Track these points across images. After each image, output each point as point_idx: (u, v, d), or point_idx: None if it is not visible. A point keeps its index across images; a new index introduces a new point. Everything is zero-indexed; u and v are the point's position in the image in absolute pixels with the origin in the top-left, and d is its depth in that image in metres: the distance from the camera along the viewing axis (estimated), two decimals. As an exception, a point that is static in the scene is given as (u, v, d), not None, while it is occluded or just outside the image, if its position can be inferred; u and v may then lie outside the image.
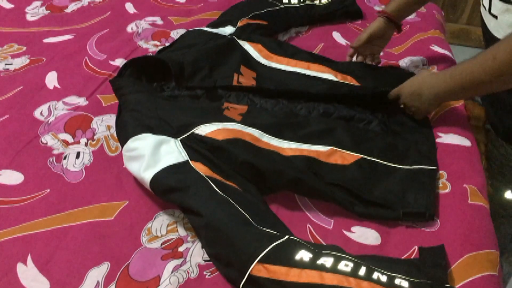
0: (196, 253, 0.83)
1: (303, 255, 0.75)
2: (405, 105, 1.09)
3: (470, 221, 0.88)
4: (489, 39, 1.01)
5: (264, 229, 0.80)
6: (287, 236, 0.78)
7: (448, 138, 1.06)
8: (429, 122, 1.11)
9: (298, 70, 1.25)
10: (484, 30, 1.05)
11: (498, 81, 0.88)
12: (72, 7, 1.59)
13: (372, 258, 0.80)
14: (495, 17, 0.96)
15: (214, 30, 1.33)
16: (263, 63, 1.26)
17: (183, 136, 0.95)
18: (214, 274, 0.80)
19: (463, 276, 0.79)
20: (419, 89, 1.04)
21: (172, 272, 0.80)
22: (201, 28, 1.35)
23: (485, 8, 1.00)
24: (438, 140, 1.06)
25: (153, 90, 1.12)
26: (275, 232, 0.80)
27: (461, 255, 0.82)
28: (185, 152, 0.92)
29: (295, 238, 0.80)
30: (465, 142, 1.05)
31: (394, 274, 0.74)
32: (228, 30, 1.35)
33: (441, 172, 0.98)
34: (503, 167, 1.13)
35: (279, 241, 0.76)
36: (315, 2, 1.55)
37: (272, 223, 0.84)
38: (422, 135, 1.07)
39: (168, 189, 0.87)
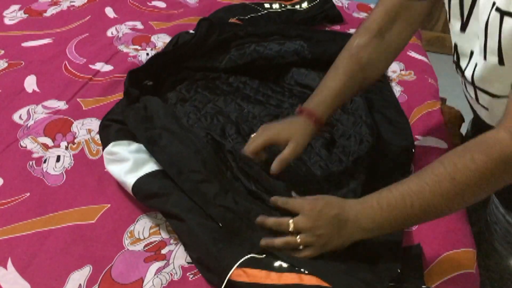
0: (179, 255, 0.83)
1: (282, 263, 0.75)
2: (303, 229, 0.76)
3: (448, 221, 0.90)
4: (482, 124, 0.85)
5: None
6: None
7: (425, 141, 1.09)
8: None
9: None
10: (474, 113, 0.90)
11: (456, 203, 0.70)
12: (51, 11, 1.58)
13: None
14: (486, 108, 0.80)
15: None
16: None
17: None
18: (197, 276, 0.80)
19: (441, 274, 0.81)
20: (342, 216, 0.74)
21: (155, 274, 0.80)
22: (188, 31, 1.38)
23: (470, 96, 0.83)
24: (416, 142, 1.08)
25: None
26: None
27: (439, 254, 0.84)
28: None
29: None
30: (442, 145, 1.08)
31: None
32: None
33: (419, 173, 1.01)
34: (507, 235, 0.94)
35: (258, 253, 0.77)
36: (296, 6, 1.58)
37: None
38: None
39: (151, 194, 0.87)
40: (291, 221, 0.76)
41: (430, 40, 2.89)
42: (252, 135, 0.93)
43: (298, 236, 0.75)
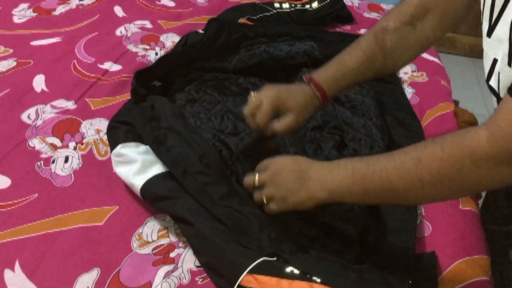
0: (188, 259, 0.82)
1: (293, 269, 0.73)
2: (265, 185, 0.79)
3: (462, 226, 0.88)
4: None
5: None
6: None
7: (438, 144, 1.07)
8: None
9: None
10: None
11: (414, 190, 0.66)
12: (60, 10, 1.58)
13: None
14: None
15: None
16: None
17: None
18: (206, 280, 0.79)
19: (455, 282, 0.79)
20: (305, 171, 0.76)
21: (163, 278, 0.79)
22: (198, 31, 1.37)
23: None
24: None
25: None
26: None
27: (453, 261, 0.83)
28: None
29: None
30: (455, 148, 1.06)
31: None
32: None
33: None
34: None
35: (268, 256, 0.76)
36: (306, 6, 1.56)
37: None
38: None
39: (160, 196, 0.86)
40: (256, 176, 0.79)
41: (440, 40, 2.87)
42: (253, 93, 0.89)
43: (263, 191, 0.79)
